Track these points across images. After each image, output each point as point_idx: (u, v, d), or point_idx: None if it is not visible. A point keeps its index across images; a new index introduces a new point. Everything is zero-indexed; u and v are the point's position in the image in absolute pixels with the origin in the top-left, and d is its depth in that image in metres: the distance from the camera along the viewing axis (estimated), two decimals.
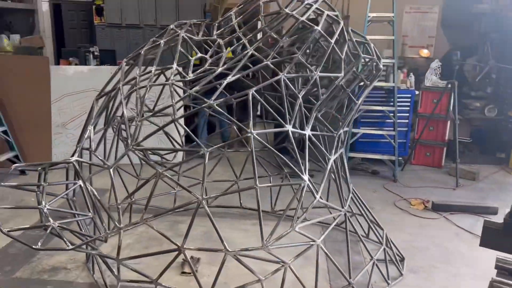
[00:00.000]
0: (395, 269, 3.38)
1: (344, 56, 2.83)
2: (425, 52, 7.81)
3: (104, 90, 3.03)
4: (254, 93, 2.57)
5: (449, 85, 5.67)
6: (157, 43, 2.91)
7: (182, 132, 4.14)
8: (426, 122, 5.87)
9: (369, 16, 5.46)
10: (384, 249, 3.35)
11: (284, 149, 4.34)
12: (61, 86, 5.62)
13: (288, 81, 2.66)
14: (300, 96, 2.67)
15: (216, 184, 4.70)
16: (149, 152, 3.84)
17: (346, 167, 3.31)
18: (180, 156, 5.48)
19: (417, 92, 5.93)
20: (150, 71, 2.79)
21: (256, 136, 2.52)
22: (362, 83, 3.20)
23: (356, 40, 3.04)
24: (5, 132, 5.30)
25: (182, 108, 4.53)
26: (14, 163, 5.32)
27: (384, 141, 5.68)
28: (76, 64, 6.34)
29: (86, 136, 2.81)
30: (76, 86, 5.64)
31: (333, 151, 2.86)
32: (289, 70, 2.70)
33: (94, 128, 2.91)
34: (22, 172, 5.31)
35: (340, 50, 2.83)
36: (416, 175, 5.77)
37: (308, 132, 2.74)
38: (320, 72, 2.76)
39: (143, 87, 2.67)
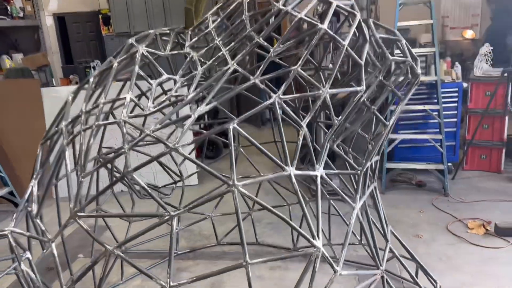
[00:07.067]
0: None
1: (364, 61, 2.00)
2: (469, 34, 6.77)
3: (49, 133, 2.36)
4: (236, 126, 1.80)
5: (505, 74, 4.71)
6: (110, 64, 2.20)
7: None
8: (479, 119, 4.90)
9: None
10: None
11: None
12: (56, 110, 5.03)
13: (284, 104, 1.88)
14: (304, 125, 1.88)
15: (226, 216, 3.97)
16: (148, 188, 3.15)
17: (381, 209, 2.47)
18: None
19: (465, 85, 4.95)
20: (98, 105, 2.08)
21: (242, 189, 1.76)
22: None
23: (381, 37, 2.19)
24: None
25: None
26: (9, 200, 4.81)
27: (429, 145, 4.77)
28: (76, 82, 5.79)
29: (27, 195, 2.14)
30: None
31: (358, 195, 2.04)
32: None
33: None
34: None
35: (358, 54, 2.01)
36: (470, 185, 4.79)
37: (320, 172, 1.94)
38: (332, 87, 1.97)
39: (88, 128, 1.96)
